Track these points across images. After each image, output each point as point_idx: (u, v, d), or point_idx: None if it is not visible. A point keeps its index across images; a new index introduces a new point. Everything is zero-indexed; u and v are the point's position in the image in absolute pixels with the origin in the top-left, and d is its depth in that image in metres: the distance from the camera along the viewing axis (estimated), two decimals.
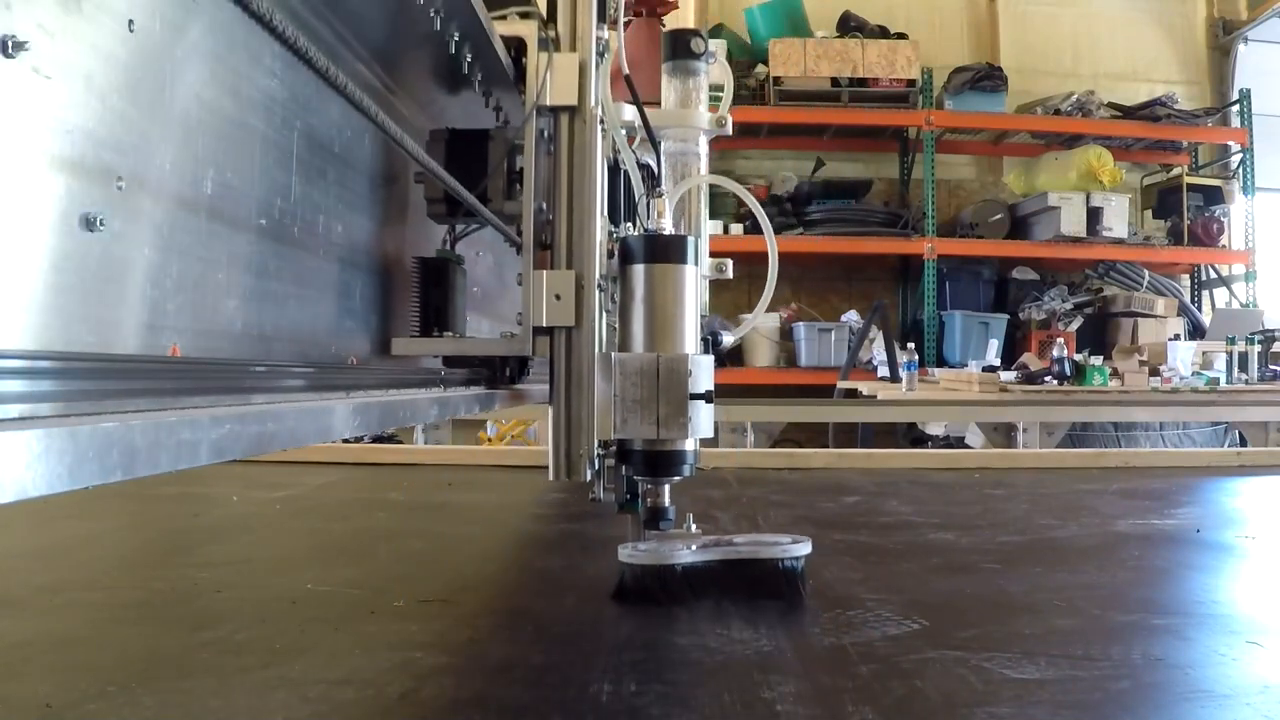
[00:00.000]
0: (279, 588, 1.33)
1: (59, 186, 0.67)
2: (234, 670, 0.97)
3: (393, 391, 1.10)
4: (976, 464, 2.84)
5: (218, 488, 2.25)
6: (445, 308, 1.34)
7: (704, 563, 1.20)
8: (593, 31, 1.23)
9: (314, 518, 1.99)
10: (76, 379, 0.62)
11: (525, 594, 1.35)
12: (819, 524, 1.83)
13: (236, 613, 1.19)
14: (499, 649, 1.06)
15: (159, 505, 2.05)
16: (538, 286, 1.23)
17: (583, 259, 1.23)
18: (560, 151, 1.22)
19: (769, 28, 6.51)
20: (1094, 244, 6.47)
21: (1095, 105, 6.72)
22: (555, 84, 1.21)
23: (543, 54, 1.22)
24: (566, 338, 1.25)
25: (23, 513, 1.81)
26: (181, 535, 1.81)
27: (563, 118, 1.23)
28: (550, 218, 1.25)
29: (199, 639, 1.08)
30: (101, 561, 1.54)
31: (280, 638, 1.08)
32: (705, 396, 1.19)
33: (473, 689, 0.93)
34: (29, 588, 1.33)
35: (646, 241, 1.21)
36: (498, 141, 1.31)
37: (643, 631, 1.10)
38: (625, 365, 1.19)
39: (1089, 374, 4.67)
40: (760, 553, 1.22)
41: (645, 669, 0.97)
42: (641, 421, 1.18)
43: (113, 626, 1.16)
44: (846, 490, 2.32)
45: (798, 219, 6.32)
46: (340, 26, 1.11)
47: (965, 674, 0.95)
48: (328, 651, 1.03)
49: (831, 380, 5.76)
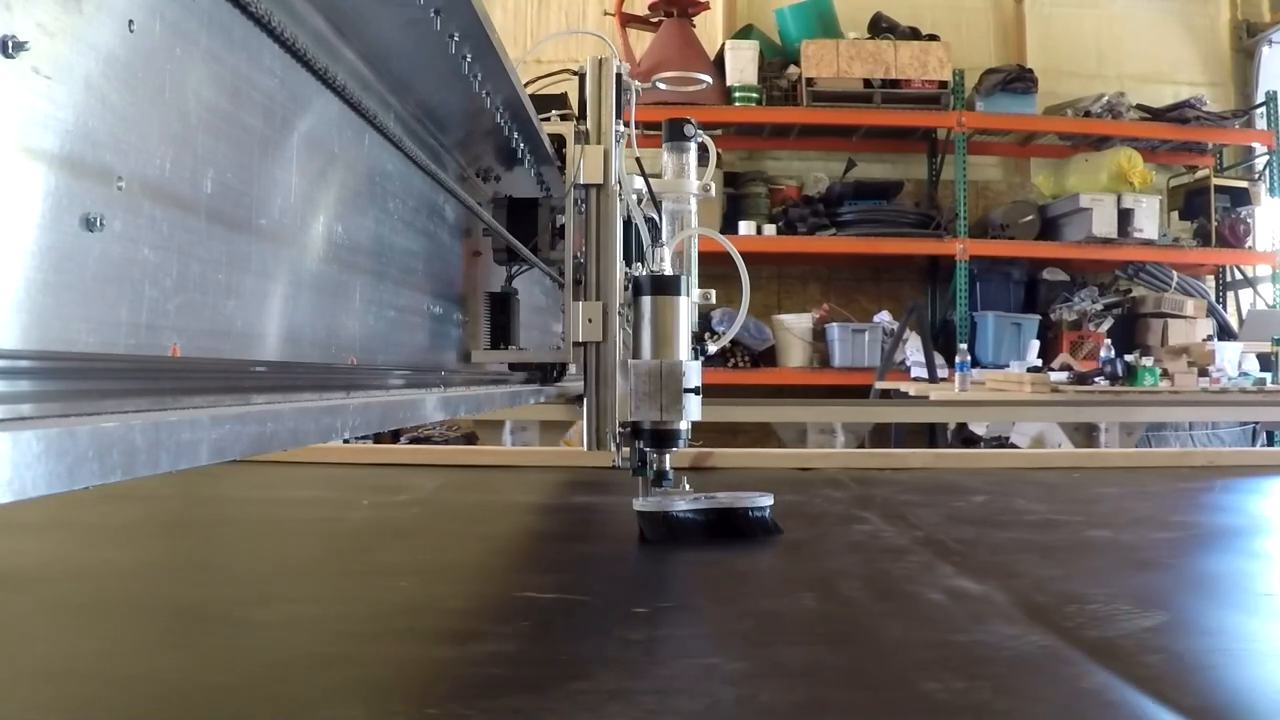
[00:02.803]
0: (495, 596, 1.35)
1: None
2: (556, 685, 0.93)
3: (473, 388, 1.59)
4: (1068, 464, 2.87)
5: (317, 491, 2.24)
6: (508, 327, 1.84)
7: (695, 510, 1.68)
8: (613, 127, 1.72)
9: (457, 521, 1.98)
10: (77, 379, 0.63)
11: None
12: (975, 522, 1.89)
13: (484, 622, 1.17)
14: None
15: (281, 511, 2.04)
16: (575, 313, 1.72)
17: (608, 293, 1.72)
18: (590, 216, 1.71)
19: (800, 29, 6.53)
20: (1124, 245, 6.48)
21: (1125, 107, 6.76)
22: (586, 168, 1.70)
23: (577, 146, 1.70)
24: (596, 349, 1.73)
25: (152, 527, 1.84)
26: (340, 541, 1.76)
27: (592, 191, 1.72)
28: (584, 262, 1.73)
29: (474, 653, 1.05)
30: (287, 573, 1.50)
31: (565, 649, 1.06)
32: (695, 390, 1.66)
33: None
34: (236, 602, 1.29)
35: (651, 279, 1.69)
36: (544, 207, 1.82)
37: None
38: (637, 368, 1.67)
39: (1140, 374, 4.80)
40: (736, 504, 1.69)
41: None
42: (649, 408, 1.65)
43: (373, 643, 1.11)
44: (966, 490, 2.33)
45: (830, 220, 6.38)
46: (438, 131, 1.60)
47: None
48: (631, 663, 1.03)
49: (864, 381, 5.84)
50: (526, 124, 1.65)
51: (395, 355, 1.50)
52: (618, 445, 1.71)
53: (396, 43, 1.23)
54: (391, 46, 1.24)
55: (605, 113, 1.72)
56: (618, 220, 1.71)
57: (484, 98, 1.46)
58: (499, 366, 1.93)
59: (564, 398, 2.11)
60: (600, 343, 1.72)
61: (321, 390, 1.06)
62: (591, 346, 1.73)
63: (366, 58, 1.23)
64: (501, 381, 1.82)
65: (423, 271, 1.64)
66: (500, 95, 1.50)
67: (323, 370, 1.20)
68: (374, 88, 1.31)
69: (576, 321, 1.71)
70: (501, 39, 1.31)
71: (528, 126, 1.66)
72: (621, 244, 1.73)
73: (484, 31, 1.24)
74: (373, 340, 1.39)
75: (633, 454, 1.71)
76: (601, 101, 1.73)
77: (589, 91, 1.74)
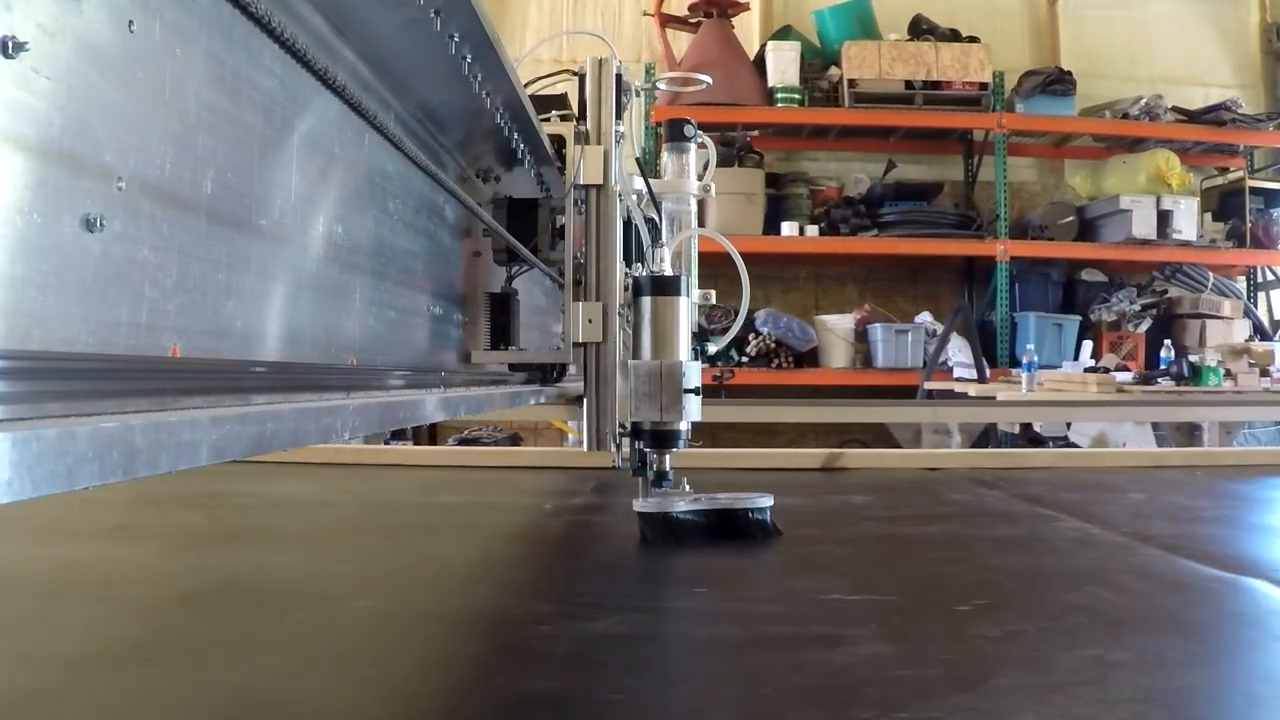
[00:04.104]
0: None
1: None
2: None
3: (473, 389, 1.59)
4: (1183, 461, 2.93)
5: (465, 496, 2.25)
6: (508, 327, 1.83)
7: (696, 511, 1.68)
8: (613, 128, 1.71)
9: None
10: (77, 379, 0.63)
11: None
12: (1169, 518, 1.94)
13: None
14: None
15: (423, 516, 2.04)
16: (575, 314, 1.71)
17: (607, 293, 1.71)
18: (590, 216, 1.71)
19: (839, 30, 6.56)
20: (1161, 246, 6.52)
21: (1162, 110, 6.81)
22: (586, 168, 1.70)
23: (577, 146, 1.70)
24: (597, 350, 1.73)
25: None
26: (519, 548, 1.74)
27: (592, 192, 1.71)
28: (583, 263, 1.73)
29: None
30: (490, 583, 1.46)
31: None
32: (695, 390, 1.66)
33: None
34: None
35: (652, 280, 1.69)
36: (544, 207, 1.81)
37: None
38: (638, 369, 1.66)
39: (1204, 374, 4.87)
40: (737, 505, 1.69)
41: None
42: (649, 408, 1.65)
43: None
44: (1117, 488, 2.37)
45: (872, 221, 6.42)
46: (438, 132, 1.60)
47: None
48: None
49: (907, 381, 5.89)
50: (526, 124, 1.65)
51: (395, 356, 1.50)
52: (617, 445, 1.71)
53: (396, 43, 1.23)
54: (391, 47, 1.24)
55: (605, 113, 1.72)
56: (618, 221, 1.71)
57: (484, 98, 1.46)
58: (499, 367, 1.92)
59: (564, 398, 2.11)
60: (600, 343, 1.71)
61: (321, 390, 1.06)
62: (591, 347, 1.72)
63: (366, 58, 1.23)
64: (501, 382, 1.82)
65: (423, 272, 1.64)
66: (500, 96, 1.50)
67: (323, 371, 1.20)
68: (374, 88, 1.31)
69: (576, 322, 1.71)
70: (536, 39, 1.30)
71: (528, 127, 1.66)
72: (621, 244, 1.73)
73: (484, 32, 1.24)
74: (373, 340, 1.39)
75: (633, 454, 1.71)
76: (601, 102, 1.73)
77: (589, 92, 1.74)
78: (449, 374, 1.71)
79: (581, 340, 1.72)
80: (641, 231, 1.74)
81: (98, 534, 1.74)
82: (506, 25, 6.50)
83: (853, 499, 2.24)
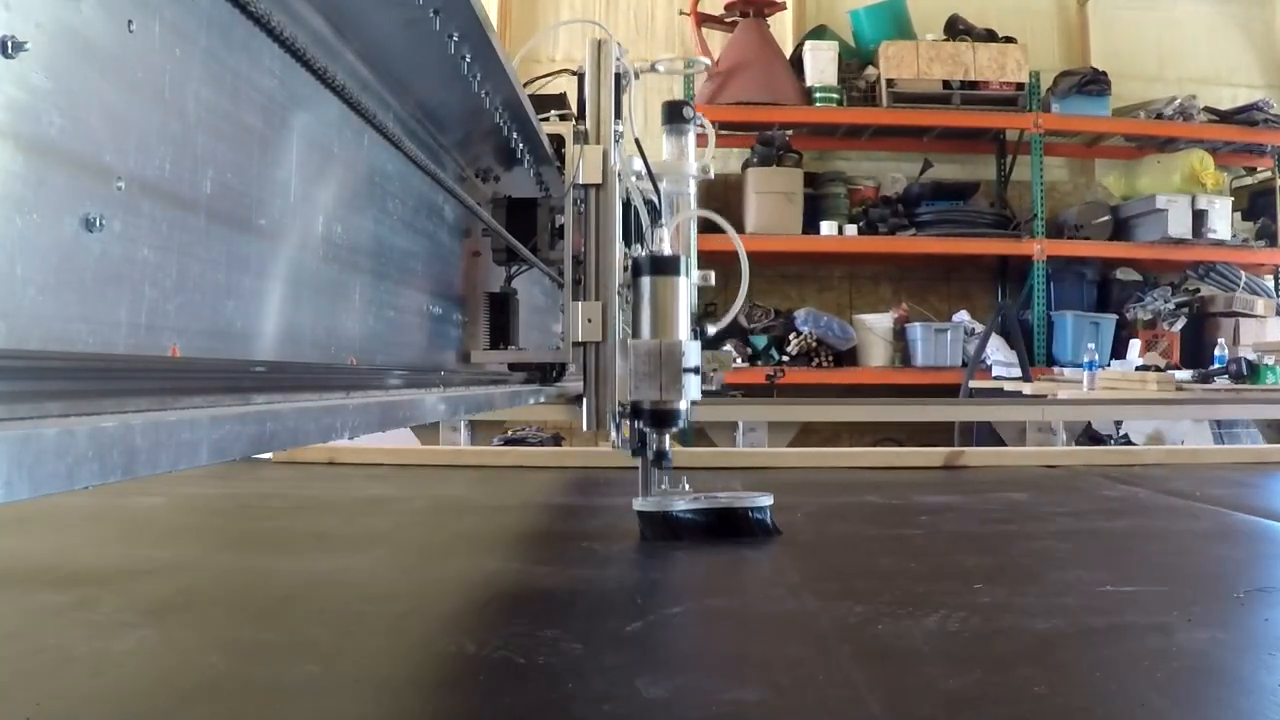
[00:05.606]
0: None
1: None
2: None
3: (473, 388, 1.59)
4: (1277, 458, 3.02)
5: (547, 496, 2.27)
6: (507, 327, 1.83)
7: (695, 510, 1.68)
8: (612, 127, 1.71)
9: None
10: (77, 379, 0.64)
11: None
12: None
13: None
14: None
15: (533, 517, 2.07)
16: (575, 313, 1.71)
17: (607, 292, 1.71)
18: (589, 215, 1.71)
19: (875, 30, 6.59)
20: (1195, 245, 6.57)
21: (1196, 110, 6.86)
22: (585, 168, 1.69)
23: (576, 146, 1.70)
24: (596, 349, 1.72)
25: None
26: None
27: (591, 191, 1.71)
28: (583, 262, 1.73)
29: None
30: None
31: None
32: (694, 370, 1.66)
33: None
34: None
35: (651, 260, 1.69)
36: (543, 207, 1.81)
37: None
38: (637, 348, 1.67)
39: (1262, 373, 4.93)
40: (736, 504, 1.69)
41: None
42: (649, 387, 1.65)
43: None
44: (1238, 483, 2.42)
45: (909, 220, 6.46)
46: (437, 131, 1.60)
47: None
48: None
49: (946, 380, 5.95)
50: (526, 124, 1.65)
51: (395, 355, 1.50)
52: (617, 426, 1.71)
53: (396, 43, 1.23)
54: (391, 46, 1.24)
55: (604, 111, 1.71)
56: (617, 220, 1.71)
57: (483, 98, 1.46)
58: (498, 366, 1.92)
59: (563, 398, 2.11)
60: (600, 343, 1.71)
61: (321, 390, 1.06)
62: (591, 346, 1.72)
63: (365, 58, 1.23)
64: (501, 381, 1.82)
65: (422, 271, 1.64)
66: (499, 95, 1.50)
67: (322, 370, 1.20)
68: (373, 88, 1.31)
69: (576, 321, 1.71)
70: (567, 39, 1.31)
71: (527, 126, 1.66)
72: (620, 242, 1.73)
73: (483, 31, 1.24)
74: (372, 340, 1.39)
75: (632, 434, 1.71)
76: (601, 101, 1.73)
77: (588, 91, 1.74)
78: (449, 373, 1.71)
79: (581, 340, 1.72)
80: (641, 213, 1.74)
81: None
82: (540, 25, 6.40)
83: (1013, 496, 2.26)
